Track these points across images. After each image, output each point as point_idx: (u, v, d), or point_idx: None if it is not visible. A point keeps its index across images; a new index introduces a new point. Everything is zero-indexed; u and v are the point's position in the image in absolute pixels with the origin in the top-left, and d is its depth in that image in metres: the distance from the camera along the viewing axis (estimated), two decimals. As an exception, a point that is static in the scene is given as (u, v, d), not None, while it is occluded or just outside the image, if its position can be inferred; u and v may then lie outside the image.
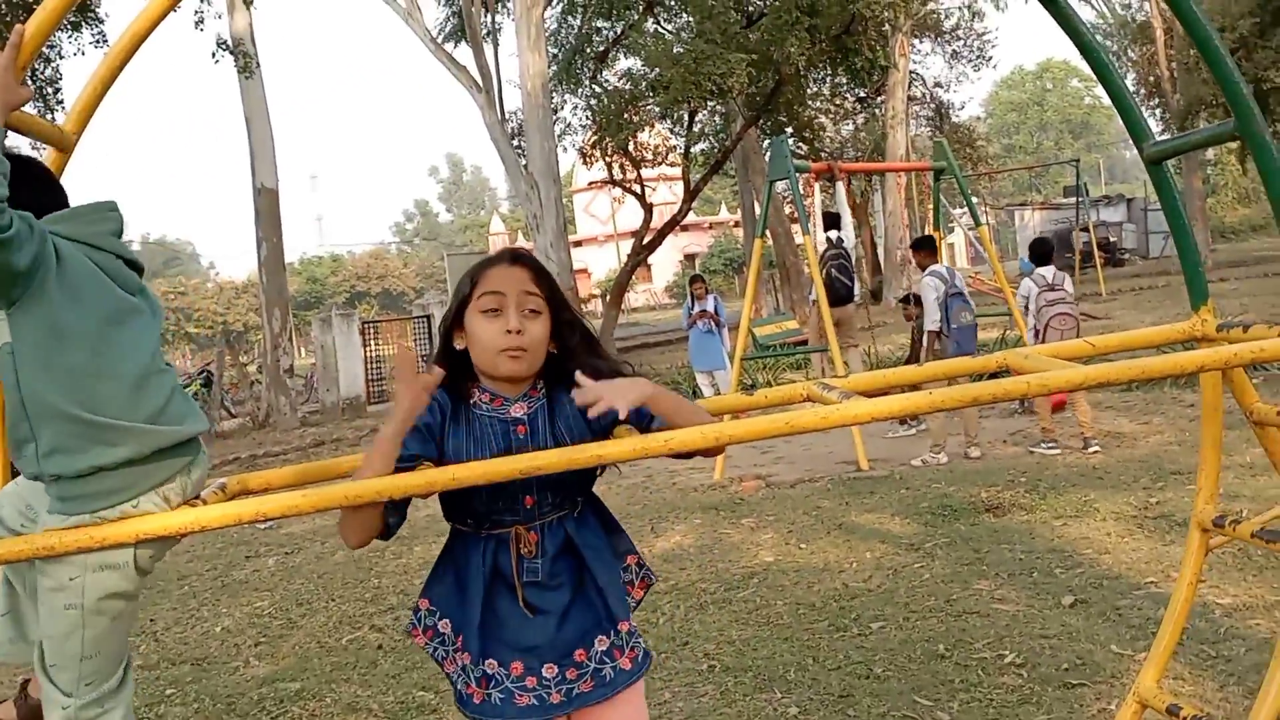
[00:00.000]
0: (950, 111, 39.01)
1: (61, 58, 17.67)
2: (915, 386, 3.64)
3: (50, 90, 17.32)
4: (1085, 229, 28.98)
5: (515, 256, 2.27)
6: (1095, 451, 8.44)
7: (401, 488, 2.07)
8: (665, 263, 58.58)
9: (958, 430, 9.33)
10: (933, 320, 9.23)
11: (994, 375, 2.50)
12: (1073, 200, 30.65)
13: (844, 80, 29.50)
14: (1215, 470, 2.97)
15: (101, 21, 17.11)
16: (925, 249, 9.87)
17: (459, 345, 2.26)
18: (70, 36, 17.20)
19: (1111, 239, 38.61)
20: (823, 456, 9.94)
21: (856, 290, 11.31)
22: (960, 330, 9.10)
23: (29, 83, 2.27)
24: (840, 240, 10.97)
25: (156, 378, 2.32)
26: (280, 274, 21.90)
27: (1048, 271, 9.29)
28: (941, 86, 38.57)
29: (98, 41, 16.94)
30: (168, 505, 2.31)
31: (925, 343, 9.45)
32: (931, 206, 12.27)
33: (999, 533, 6.34)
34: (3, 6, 16.47)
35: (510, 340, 2.16)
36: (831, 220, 11.23)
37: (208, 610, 6.86)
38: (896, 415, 2.15)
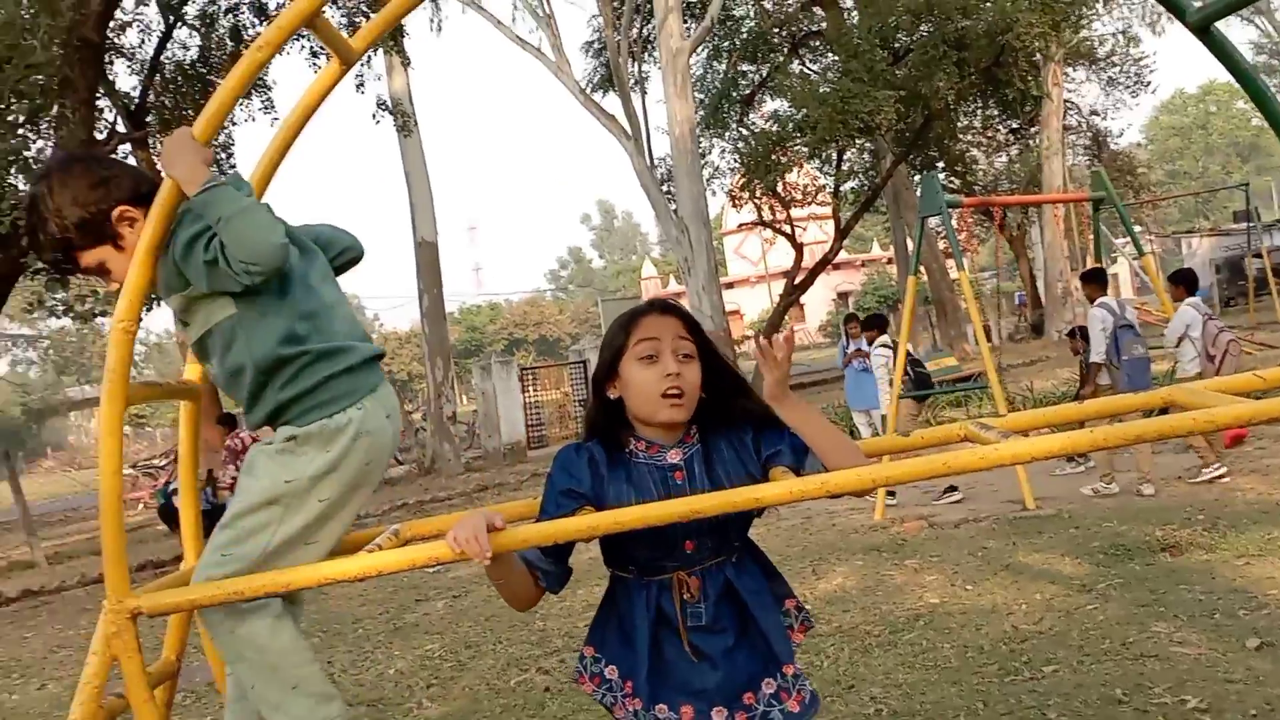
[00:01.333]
0: (1108, 139, 37.95)
1: (233, 124, 18.61)
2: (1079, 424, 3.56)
3: (224, 155, 18.24)
4: (1258, 255, 27.75)
5: (664, 306, 2.33)
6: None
7: (567, 532, 2.14)
8: (818, 302, 58.18)
9: (1128, 466, 9.04)
10: (1097, 353, 9.02)
11: (1160, 411, 2.45)
12: (1243, 226, 29.40)
13: (995, 112, 29.04)
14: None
15: (269, 89, 17.96)
16: (1094, 281, 9.69)
17: (613, 394, 2.30)
18: (240, 103, 18.08)
19: (1286, 264, 36.83)
20: (987, 495, 9.73)
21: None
22: (1132, 363, 8.88)
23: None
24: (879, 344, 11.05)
25: (342, 307, 2.69)
26: (442, 324, 22.53)
27: (1199, 300, 9.12)
28: (1098, 114, 37.52)
29: (266, 108, 17.79)
30: (382, 408, 2.64)
31: (1090, 375, 9.23)
32: (1092, 237, 11.94)
33: (1176, 573, 6.11)
34: (180, 80, 17.48)
35: (670, 383, 2.20)
36: (878, 322, 11.61)
37: (381, 653, 7.06)
38: (1056, 455, 2.12)
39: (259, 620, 2.49)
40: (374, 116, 19.78)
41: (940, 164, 28.74)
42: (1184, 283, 9.68)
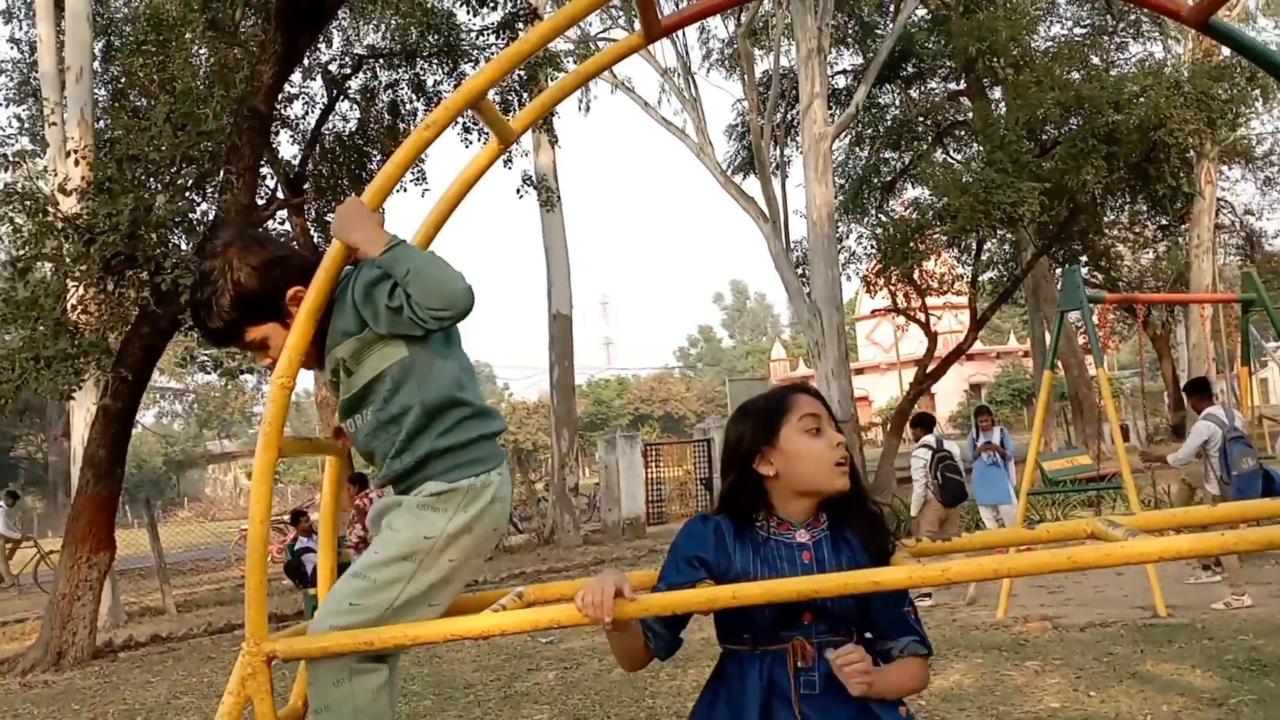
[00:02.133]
0: (1263, 239, 36.83)
1: (389, 195, 19.29)
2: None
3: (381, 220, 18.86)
4: None
5: (807, 388, 2.46)
6: None
7: (688, 603, 2.19)
8: (950, 392, 57.22)
9: (1269, 579, 8.71)
10: (1179, 459, 9.39)
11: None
12: (1406, 334, 28.14)
13: (1144, 208, 28.45)
14: None
15: (422, 162, 18.60)
16: (1198, 393, 9.66)
17: (765, 470, 2.35)
18: (404, 174, 18.73)
19: None
20: (1116, 600, 9.43)
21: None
22: (1241, 477, 8.65)
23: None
24: (941, 442, 11.01)
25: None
26: (570, 396, 22.82)
27: None
28: (1253, 214, 36.50)
29: (417, 179, 18.41)
30: (509, 480, 2.76)
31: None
32: (1240, 340, 11.59)
33: (1315, 693, 5.84)
34: (338, 150, 18.24)
35: (840, 453, 2.31)
36: (926, 421, 11.42)
37: (490, 719, 7.12)
38: (1184, 556, 2.09)
39: (368, 680, 2.54)
40: (518, 191, 20.28)
41: (1083, 258, 28.22)
42: None
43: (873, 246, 26.57)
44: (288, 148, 19.31)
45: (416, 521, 2.59)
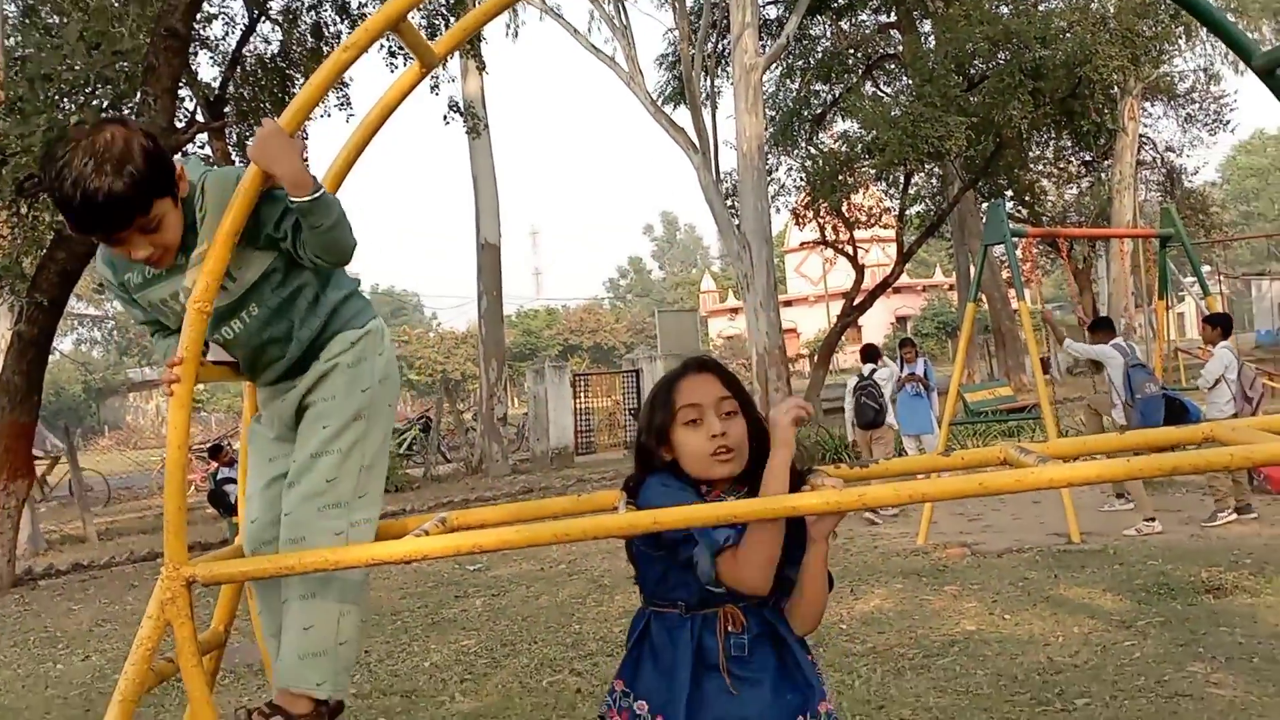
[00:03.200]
0: (1183, 177, 37.43)
1: (309, 119, 18.90)
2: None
3: (301, 149, 18.53)
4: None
5: (700, 364, 2.44)
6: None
7: (621, 526, 2.21)
8: (876, 324, 57.85)
9: (1178, 506, 8.98)
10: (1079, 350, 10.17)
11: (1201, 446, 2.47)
12: (1317, 270, 28.90)
13: (1068, 144, 28.77)
14: None
15: (346, 85, 18.23)
16: (1102, 329, 10.12)
17: (667, 457, 2.39)
18: (322, 98, 18.36)
19: (1361, 311, 36.19)
20: (1033, 527, 9.68)
21: (889, 418, 11.89)
22: (1145, 401, 9.10)
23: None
24: (872, 373, 11.72)
25: None
26: (499, 326, 22.73)
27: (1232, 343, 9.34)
28: (1174, 151, 37.02)
29: (342, 104, 18.05)
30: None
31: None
32: (1158, 275, 11.84)
33: (1218, 614, 6.06)
34: (259, 73, 17.82)
35: (716, 443, 2.31)
36: (871, 353, 12.05)
37: (418, 645, 7.16)
38: (1092, 481, 2.15)
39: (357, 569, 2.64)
40: (445, 118, 19.96)
41: (1008, 193, 28.54)
42: (1220, 325, 9.67)
43: (802, 179, 26.63)
44: (207, 69, 18.84)
45: (352, 381, 2.68)
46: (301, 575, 2.57)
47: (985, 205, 24.58)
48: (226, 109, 17.49)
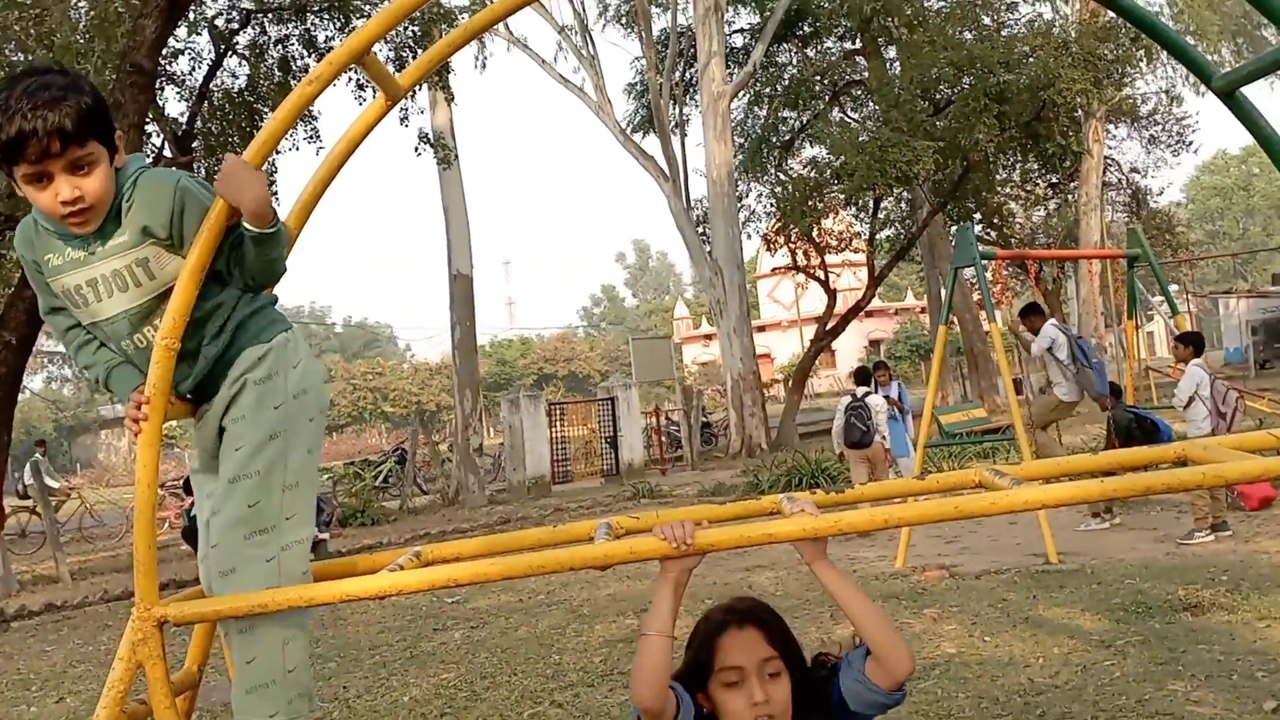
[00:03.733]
0: (1148, 197, 37.85)
1: (278, 152, 18.89)
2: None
3: (267, 182, 18.49)
4: (1296, 317, 27.57)
5: (742, 617, 2.36)
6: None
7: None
8: (849, 348, 58.10)
9: (1154, 525, 9.04)
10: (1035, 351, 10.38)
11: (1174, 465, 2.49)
12: (1281, 288, 29.21)
13: (1035, 166, 29.06)
14: None
15: (315, 119, 18.23)
16: (1032, 314, 10.62)
17: (705, 708, 2.33)
18: (288, 133, 18.37)
19: (1326, 328, 36.56)
20: (1010, 548, 9.69)
21: (877, 438, 12.26)
22: (1099, 363, 9.92)
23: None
24: (865, 395, 12.31)
25: None
26: (472, 356, 22.69)
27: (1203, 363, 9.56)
28: (1139, 172, 37.46)
29: (311, 137, 18.05)
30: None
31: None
32: (1126, 295, 11.95)
33: (1197, 632, 6.07)
34: (227, 107, 17.80)
35: (758, 711, 2.24)
36: (864, 376, 12.76)
37: (396, 680, 7.09)
38: (1066, 503, 2.16)
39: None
40: (416, 150, 19.99)
41: (977, 216, 28.78)
42: (1192, 343, 9.77)
43: (772, 205, 26.80)
44: (174, 105, 18.78)
45: (262, 398, 2.59)
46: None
47: (954, 228, 24.77)
48: (194, 144, 17.46)
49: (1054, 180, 32.22)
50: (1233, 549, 8.50)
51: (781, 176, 27.90)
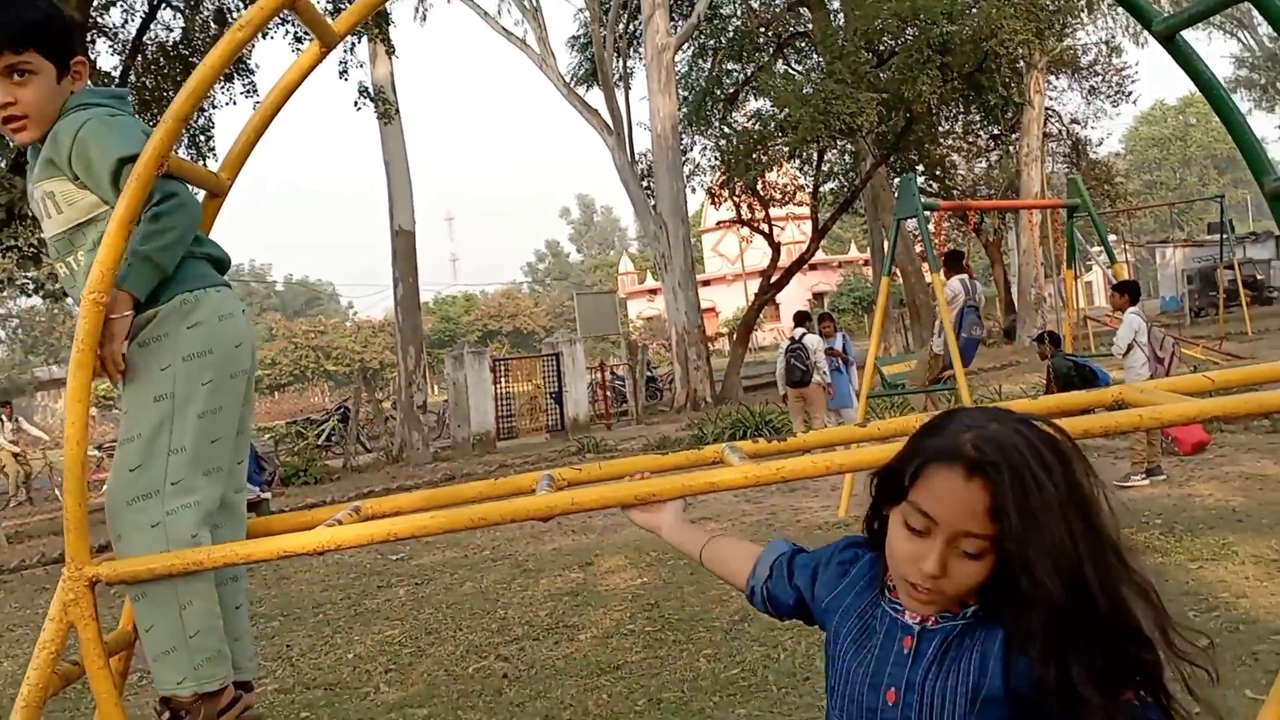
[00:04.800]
0: (1088, 148, 38.23)
1: (215, 107, 18.56)
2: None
3: (203, 138, 18.17)
4: (1230, 267, 28.04)
5: (975, 466, 1.50)
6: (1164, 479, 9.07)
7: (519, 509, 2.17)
8: (794, 301, 58.24)
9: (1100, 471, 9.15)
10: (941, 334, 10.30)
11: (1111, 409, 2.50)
12: (1217, 238, 29.67)
13: (977, 118, 29.22)
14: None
15: (252, 73, 17.90)
16: (949, 264, 10.54)
17: (876, 526, 1.76)
18: (222, 87, 18.04)
19: (1259, 276, 37.24)
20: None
21: (816, 376, 12.47)
22: (967, 341, 9.85)
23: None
24: (802, 336, 12.49)
25: None
26: (415, 313, 22.49)
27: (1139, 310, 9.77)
28: (1079, 123, 37.81)
29: (248, 92, 17.73)
30: (237, 302, 2.66)
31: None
32: (1065, 245, 12.04)
33: (1131, 576, 6.18)
34: (161, 61, 17.40)
35: (920, 579, 1.57)
36: (801, 318, 12.97)
37: (341, 638, 7.07)
38: (1006, 446, 2.15)
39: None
40: (355, 104, 19.71)
41: (920, 168, 28.91)
42: (1128, 291, 9.94)
43: (716, 158, 26.75)
44: (107, 59, 18.34)
45: (148, 358, 2.49)
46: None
47: (897, 180, 24.88)
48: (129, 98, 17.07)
49: (996, 132, 32.46)
50: (1167, 493, 8.65)
51: (726, 130, 27.84)
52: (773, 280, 27.06)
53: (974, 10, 21.36)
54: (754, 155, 23.65)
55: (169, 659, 2.49)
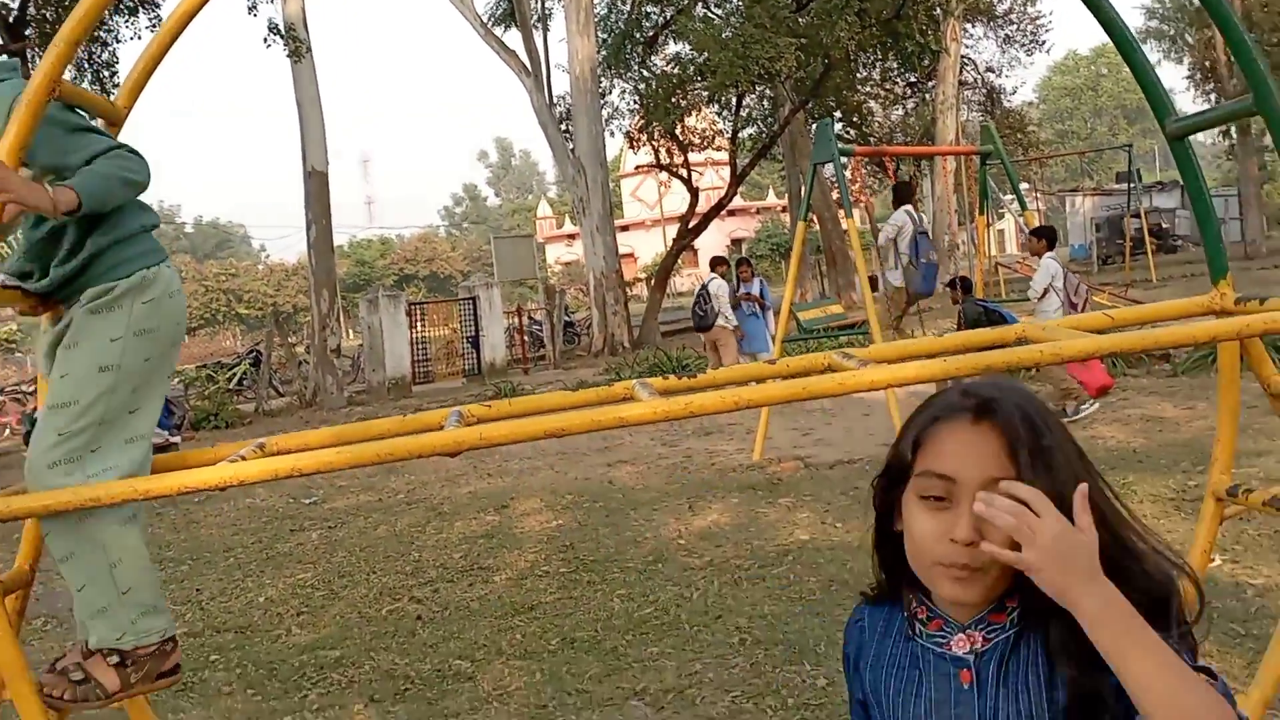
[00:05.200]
0: (1002, 96, 38.65)
1: (119, 41, 18.01)
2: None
3: (107, 73, 17.64)
4: (1137, 215, 28.65)
5: (983, 408, 1.39)
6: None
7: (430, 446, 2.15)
8: (712, 247, 58.22)
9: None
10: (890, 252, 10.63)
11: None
12: (1124, 186, 30.27)
13: (894, 65, 29.36)
14: (1231, 441, 2.99)
15: (157, 6, 17.37)
16: (897, 196, 10.94)
17: (898, 526, 1.50)
18: (127, 21, 17.50)
19: (1164, 225, 38.12)
20: (863, 439, 9.94)
21: (720, 320, 13.05)
22: (927, 265, 10.29)
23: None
24: (709, 281, 12.91)
25: None
26: (329, 256, 22.15)
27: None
28: (994, 71, 38.19)
29: (153, 25, 17.20)
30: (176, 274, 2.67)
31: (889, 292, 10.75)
32: (979, 192, 12.21)
33: (1035, 515, 6.33)
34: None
35: (954, 554, 1.37)
36: (714, 262, 13.53)
37: (252, 581, 7.00)
38: (911, 381, 2.18)
39: (111, 516, 2.43)
40: (265, 40, 19.23)
41: (837, 114, 29.00)
42: (1045, 237, 10.20)
43: (635, 102, 26.58)
44: (4, -9, 17.63)
45: (100, 328, 2.46)
46: (56, 536, 2.44)
47: (815, 126, 24.96)
48: (28, 31, 16.49)
49: (912, 79, 32.63)
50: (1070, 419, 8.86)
51: (645, 73, 27.63)
52: (691, 225, 27.08)
53: (892, -44, 21.43)
54: (673, 99, 23.55)
55: (105, 618, 2.49)
